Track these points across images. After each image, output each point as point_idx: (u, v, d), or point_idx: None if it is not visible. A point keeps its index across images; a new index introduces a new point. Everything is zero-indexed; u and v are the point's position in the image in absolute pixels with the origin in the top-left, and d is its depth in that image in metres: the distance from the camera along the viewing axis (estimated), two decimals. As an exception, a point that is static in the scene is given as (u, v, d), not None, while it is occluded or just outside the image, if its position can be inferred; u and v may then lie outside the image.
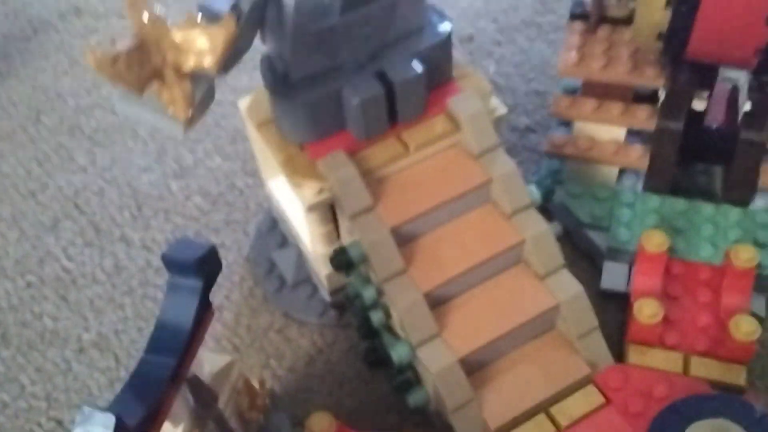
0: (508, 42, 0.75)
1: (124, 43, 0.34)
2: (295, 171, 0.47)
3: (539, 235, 0.47)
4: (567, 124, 0.61)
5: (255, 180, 0.65)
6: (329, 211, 0.48)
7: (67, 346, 0.57)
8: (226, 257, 0.61)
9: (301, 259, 0.57)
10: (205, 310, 0.37)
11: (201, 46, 0.36)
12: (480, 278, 0.47)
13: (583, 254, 0.57)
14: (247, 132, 0.53)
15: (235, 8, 0.39)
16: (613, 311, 0.54)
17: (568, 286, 0.47)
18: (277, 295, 0.58)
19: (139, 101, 0.37)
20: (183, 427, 0.38)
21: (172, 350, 0.34)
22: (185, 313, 0.35)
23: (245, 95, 0.51)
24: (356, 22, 0.43)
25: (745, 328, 0.46)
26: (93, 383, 0.55)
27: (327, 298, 0.55)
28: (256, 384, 0.46)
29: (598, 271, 0.56)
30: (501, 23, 0.77)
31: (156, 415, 0.34)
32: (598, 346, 0.47)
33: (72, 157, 0.69)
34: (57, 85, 0.74)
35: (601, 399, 0.46)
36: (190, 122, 0.38)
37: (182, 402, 0.37)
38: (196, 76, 0.38)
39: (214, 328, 0.56)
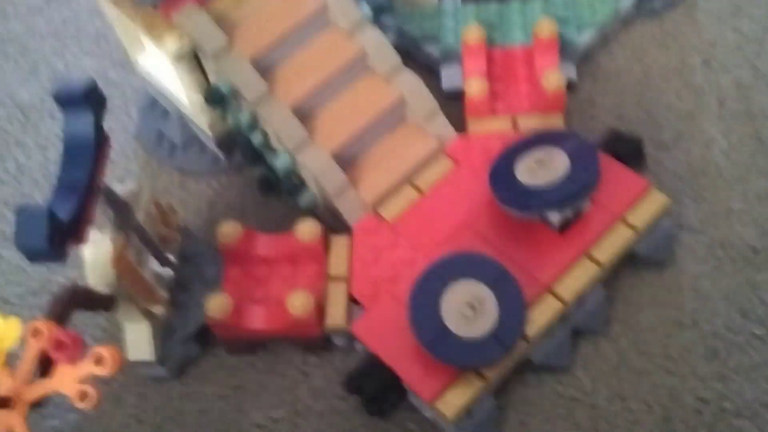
0: None
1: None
2: (155, 29, 0.53)
3: (378, 43, 0.55)
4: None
5: (126, 69, 0.71)
6: (194, 60, 0.55)
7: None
8: (118, 140, 0.67)
9: (184, 122, 0.64)
10: (102, 136, 0.44)
11: None
12: (333, 91, 0.55)
13: (421, 66, 0.66)
14: (106, 16, 0.59)
15: None
16: (459, 109, 0.63)
17: (410, 81, 0.56)
18: (171, 158, 0.65)
19: None
20: (108, 233, 0.45)
21: (83, 163, 0.41)
22: (86, 131, 0.42)
23: None
24: None
25: (554, 82, 0.56)
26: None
27: (214, 146, 0.62)
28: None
29: (439, 78, 0.65)
30: None
31: (81, 217, 0.41)
32: (443, 125, 0.57)
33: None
34: None
35: (451, 164, 0.56)
36: None
37: (102, 212, 0.45)
38: None
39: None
